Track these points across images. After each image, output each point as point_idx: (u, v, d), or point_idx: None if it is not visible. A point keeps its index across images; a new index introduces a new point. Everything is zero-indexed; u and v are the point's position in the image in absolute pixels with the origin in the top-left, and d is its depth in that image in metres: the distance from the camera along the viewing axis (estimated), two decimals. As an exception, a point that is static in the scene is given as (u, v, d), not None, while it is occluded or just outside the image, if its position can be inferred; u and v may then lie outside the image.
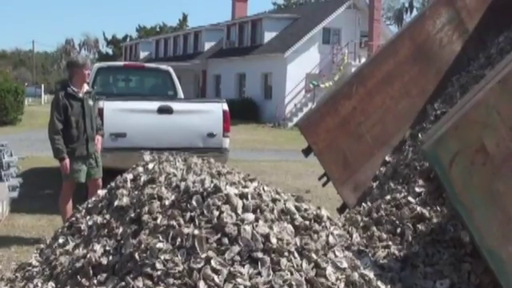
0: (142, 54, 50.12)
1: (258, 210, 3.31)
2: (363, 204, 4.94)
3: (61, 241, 4.14)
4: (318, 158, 5.15)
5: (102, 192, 4.47)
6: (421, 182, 4.55)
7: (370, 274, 3.41)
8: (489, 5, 5.44)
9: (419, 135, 5.15)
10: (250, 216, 3.22)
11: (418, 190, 4.49)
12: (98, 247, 3.57)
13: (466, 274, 3.72)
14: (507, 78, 3.30)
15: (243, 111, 30.45)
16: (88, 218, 4.19)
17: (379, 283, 3.47)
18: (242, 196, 3.35)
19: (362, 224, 4.46)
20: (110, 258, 3.38)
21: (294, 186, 10.44)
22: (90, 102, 6.15)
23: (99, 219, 3.98)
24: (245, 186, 3.48)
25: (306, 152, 5.22)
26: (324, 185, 5.36)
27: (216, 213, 3.20)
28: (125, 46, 57.59)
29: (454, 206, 3.33)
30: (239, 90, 35.99)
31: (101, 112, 7.29)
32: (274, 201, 3.47)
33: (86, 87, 6.17)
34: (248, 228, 3.12)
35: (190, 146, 7.76)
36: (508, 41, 5.34)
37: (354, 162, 5.16)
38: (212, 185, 3.39)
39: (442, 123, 3.26)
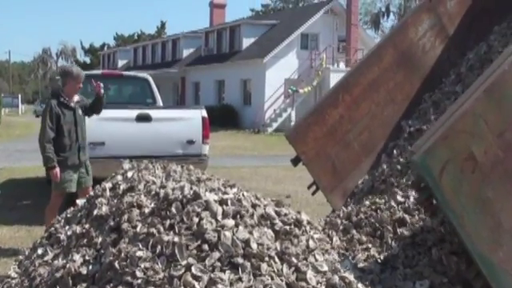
0: (121, 63, 49.90)
1: (238, 216, 3.32)
2: (343, 207, 4.98)
3: (40, 252, 4.10)
4: (307, 167, 5.18)
5: (80, 201, 4.44)
6: (401, 192, 4.63)
7: (350, 277, 3.43)
8: (469, 10, 5.53)
9: (394, 151, 5.24)
10: (230, 222, 3.23)
11: (400, 199, 4.55)
12: (77, 257, 3.55)
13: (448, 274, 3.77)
14: (492, 87, 3.37)
15: (223, 118, 30.46)
16: (67, 227, 4.16)
17: (359, 285, 3.49)
18: (222, 202, 3.35)
19: (341, 227, 4.49)
20: (90, 267, 3.36)
21: (274, 191, 10.45)
22: (80, 112, 6.16)
23: (78, 229, 3.95)
24: (224, 192, 3.49)
25: (295, 161, 5.24)
26: (313, 193, 5.38)
27: (196, 219, 3.21)
28: (103, 54, 57.31)
29: (445, 214, 3.40)
30: (218, 97, 35.99)
31: None
32: (253, 206, 3.48)
33: (76, 97, 6.17)
34: (228, 234, 3.13)
35: (169, 153, 7.74)
36: (477, 58, 5.44)
37: (343, 170, 5.22)
38: (191, 192, 3.39)
39: (430, 134, 3.34)
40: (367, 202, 4.76)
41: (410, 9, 45.05)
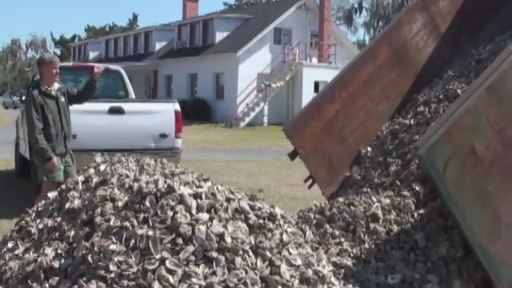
0: (92, 55, 49.33)
1: (213, 210, 3.31)
2: (315, 202, 5.03)
3: (10, 245, 4.03)
4: (304, 161, 5.29)
5: (52, 194, 4.38)
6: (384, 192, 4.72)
7: (324, 271, 3.45)
8: (460, 10, 5.68)
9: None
10: (205, 216, 3.22)
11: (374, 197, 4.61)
12: (49, 251, 3.50)
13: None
14: (494, 85, 3.51)
15: (195, 111, 30.37)
16: (38, 221, 4.09)
17: (333, 279, 3.52)
18: (196, 196, 3.34)
19: (314, 221, 4.51)
20: (62, 261, 3.31)
21: (246, 185, 10.47)
22: (63, 99, 6.09)
23: (50, 222, 3.89)
24: (198, 186, 3.48)
25: (292, 156, 5.35)
26: (310, 187, 5.50)
27: (170, 213, 3.19)
28: (73, 46, 56.59)
29: (448, 207, 3.53)
30: (191, 90, 35.85)
31: None
32: (228, 200, 3.47)
33: (56, 85, 6.10)
34: (202, 228, 3.12)
35: (142, 146, 7.69)
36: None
37: (338, 164, 5.33)
38: (166, 185, 3.37)
39: (434, 129, 3.46)
40: (341, 198, 4.81)
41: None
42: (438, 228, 4.10)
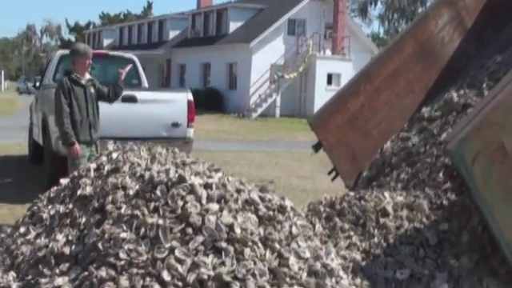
0: (106, 42, 49.41)
1: (223, 200, 3.32)
2: (325, 195, 5.04)
3: (22, 230, 4.07)
4: (328, 153, 5.33)
5: (64, 181, 4.41)
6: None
7: (332, 264, 3.46)
8: (486, 5, 5.68)
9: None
10: (215, 206, 3.24)
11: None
12: (60, 237, 3.54)
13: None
14: None
15: (208, 101, 30.36)
16: (50, 207, 4.13)
17: (341, 273, 3.53)
18: (207, 186, 3.36)
19: (324, 215, 4.52)
20: (73, 247, 3.35)
21: (257, 176, 10.48)
22: (92, 90, 6.19)
23: (62, 208, 3.93)
24: (209, 177, 3.49)
25: (317, 147, 5.39)
26: (333, 179, 5.53)
27: (180, 203, 3.21)
28: (88, 33, 56.71)
29: (475, 202, 3.55)
30: (204, 80, 35.84)
31: None
32: (238, 191, 3.48)
33: (87, 75, 6.21)
34: (212, 218, 3.14)
35: (154, 135, 7.72)
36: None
37: (362, 157, 5.37)
38: (177, 175, 3.39)
39: (463, 124, 3.50)
40: (352, 192, 4.82)
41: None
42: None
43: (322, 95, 29.46)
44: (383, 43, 49.88)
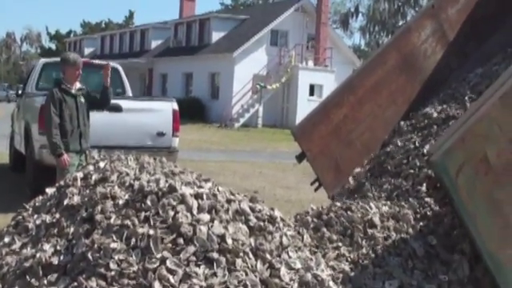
0: (87, 51, 49.16)
1: (214, 211, 3.30)
2: (311, 206, 5.04)
3: (6, 240, 4.01)
4: (311, 164, 5.33)
5: (50, 190, 4.35)
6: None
7: (323, 275, 3.46)
8: (469, 17, 5.74)
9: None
10: (206, 216, 3.22)
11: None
12: (47, 247, 3.48)
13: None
14: (507, 93, 3.54)
15: (190, 111, 30.24)
16: (36, 216, 4.07)
17: (331, 284, 3.52)
18: (197, 196, 3.34)
19: (312, 225, 4.51)
20: (61, 257, 3.30)
21: (242, 186, 10.46)
22: (82, 100, 6.19)
23: (48, 218, 3.88)
24: (200, 186, 3.47)
25: (300, 158, 5.38)
26: (316, 190, 5.52)
27: (171, 213, 3.18)
28: (69, 41, 56.38)
29: (459, 213, 3.55)
30: (186, 90, 35.79)
31: None
32: (228, 201, 3.47)
33: (78, 84, 6.22)
34: (204, 228, 3.11)
35: (139, 144, 7.68)
36: None
37: (345, 168, 5.38)
38: (167, 184, 3.37)
39: (447, 136, 3.48)
40: (338, 203, 4.82)
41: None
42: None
43: (304, 106, 29.63)
44: (364, 55, 50.29)
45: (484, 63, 5.75)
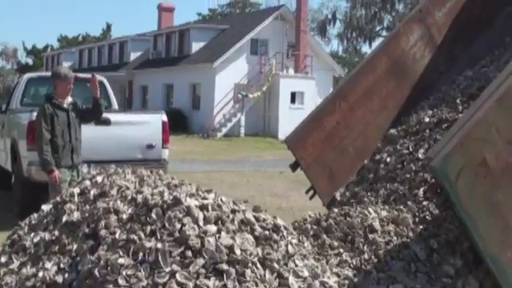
0: (65, 65, 48.66)
1: (220, 222, 3.28)
2: (309, 213, 5.04)
3: (3, 260, 3.94)
4: (305, 173, 5.33)
5: (46, 207, 4.29)
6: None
7: (330, 282, 3.44)
8: (455, 20, 5.79)
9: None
10: (213, 228, 3.19)
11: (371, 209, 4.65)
12: (49, 265, 3.44)
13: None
14: (503, 96, 3.58)
15: (171, 122, 29.44)
16: (32, 234, 4.01)
17: (338, 290, 3.51)
18: (203, 208, 3.31)
19: (311, 232, 4.50)
20: (66, 275, 3.26)
21: (231, 196, 10.31)
22: (74, 114, 6.14)
23: (47, 236, 3.82)
24: (204, 198, 3.45)
25: (294, 167, 5.38)
26: (311, 198, 5.51)
27: (178, 225, 3.15)
28: (46, 56, 55.93)
29: (460, 217, 3.58)
30: (167, 101, 35.64)
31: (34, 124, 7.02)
32: (233, 212, 3.45)
33: (69, 99, 6.16)
34: (212, 240, 3.09)
35: (129, 158, 7.61)
36: None
37: (339, 175, 5.40)
38: (171, 197, 3.33)
39: (445, 140, 3.52)
40: (336, 209, 4.82)
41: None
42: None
43: (285, 114, 29.69)
44: (343, 62, 50.58)
45: (472, 66, 5.81)
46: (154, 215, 3.24)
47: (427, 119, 5.41)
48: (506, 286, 3.61)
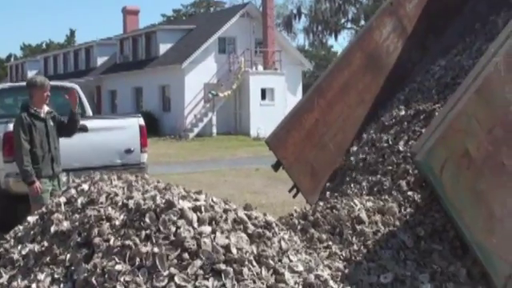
0: (30, 74, 47.94)
1: (214, 222, 3.30)
2: (295, 208, 5.07)
3: (-8, 275, 3.89)
4: (288, 172, 5.37)
5: (32, 218, 4.24)
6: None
7: (324, 274, 3.49)
8: (425, 11, 5.88)
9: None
10: (207, 228, 3.21)
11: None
12: (42, 276, 3.41)
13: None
14: (481, 87, 3.66)
15: (143, 125, 29.88)
16: (20, 247, 3.96)
17: (331, 283, 3.55)
18: (196, 209, 3.33)
19: (299, 227, 4.54)
20: (61, 285, 3.24)
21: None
22: (51, 123, 6.01)
23: (36, 247, 3.78)
24: (196, 199, 3.46)
25: (276, 167, 5.41)
26: (294, 196, 5.54)
27: (173, 228, 3.16)
28: (10, 65, 55.02)
29: (445, 208, 3.66)
30: (136, 105, 35.36)
31: (10, 135, 6.92)
32: (225, 211, 3.47)
33: (46, 108, 6.02)
34: (207, 241, 3.10)
35: (108, 163, 7.54)
36: None
37: (321, 171, 5.45)
38: (163, 200, 3.34)
39: (428, 134, 3.58)
40: (321, 203, 4.87)
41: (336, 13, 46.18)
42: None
43: (256, 111, 29.73)
44: (310, 56, 50.79)
45: (445, 54, 5.90)
46: (147, 220, 3.24)
47: (404, 112, 5.48)
48: (493, 272, 3.70)
